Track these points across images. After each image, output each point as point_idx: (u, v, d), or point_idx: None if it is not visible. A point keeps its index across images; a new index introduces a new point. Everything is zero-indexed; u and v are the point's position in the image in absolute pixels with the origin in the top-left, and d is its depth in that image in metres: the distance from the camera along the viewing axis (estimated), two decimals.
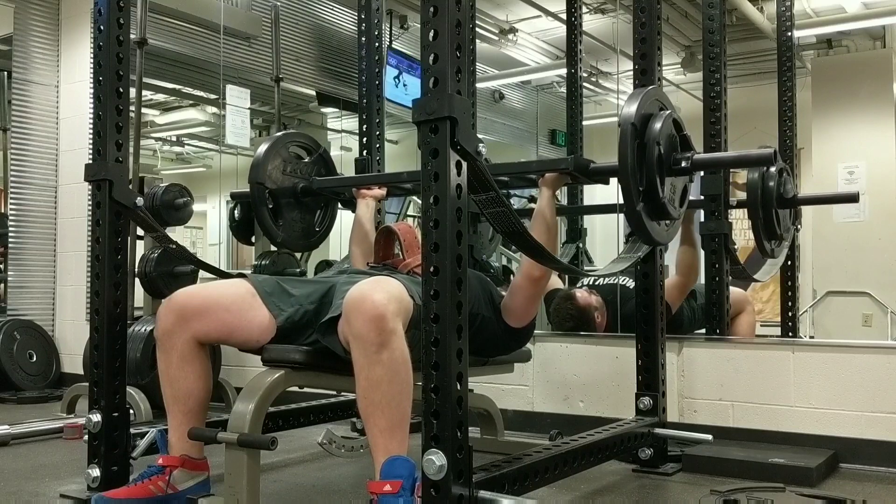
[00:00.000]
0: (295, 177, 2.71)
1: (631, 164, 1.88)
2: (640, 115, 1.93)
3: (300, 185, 2.71)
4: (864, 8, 5.95)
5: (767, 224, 2.69)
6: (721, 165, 2.87)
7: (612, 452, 2.22)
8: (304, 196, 2.73)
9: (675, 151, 2.03)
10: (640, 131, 1.92)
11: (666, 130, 1.98)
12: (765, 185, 2.68)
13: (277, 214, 2.66)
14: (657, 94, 2.08)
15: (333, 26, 5.53)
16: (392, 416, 1.65)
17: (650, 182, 1.91)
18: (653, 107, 2.00)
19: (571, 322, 3.15)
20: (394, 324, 1.66)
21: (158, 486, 1.88)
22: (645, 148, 1.92)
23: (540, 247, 1.90)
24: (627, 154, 1.88)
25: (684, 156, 2.03)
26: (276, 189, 2.65)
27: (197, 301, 1.92)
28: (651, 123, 1.95)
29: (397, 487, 1.57)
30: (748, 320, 3.29)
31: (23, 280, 4.65)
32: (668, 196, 1.99)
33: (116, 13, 2.14)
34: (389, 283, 1.75)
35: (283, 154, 2.69)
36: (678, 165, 2.01)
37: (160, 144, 7.61)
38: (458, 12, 1.51)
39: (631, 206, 1.88)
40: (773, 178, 2.68)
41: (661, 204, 1.94)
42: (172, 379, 1.93)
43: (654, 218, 1.97)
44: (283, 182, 2.68)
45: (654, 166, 1.92)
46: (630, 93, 2.06)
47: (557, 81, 7.38)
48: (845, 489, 2.26)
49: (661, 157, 1.94)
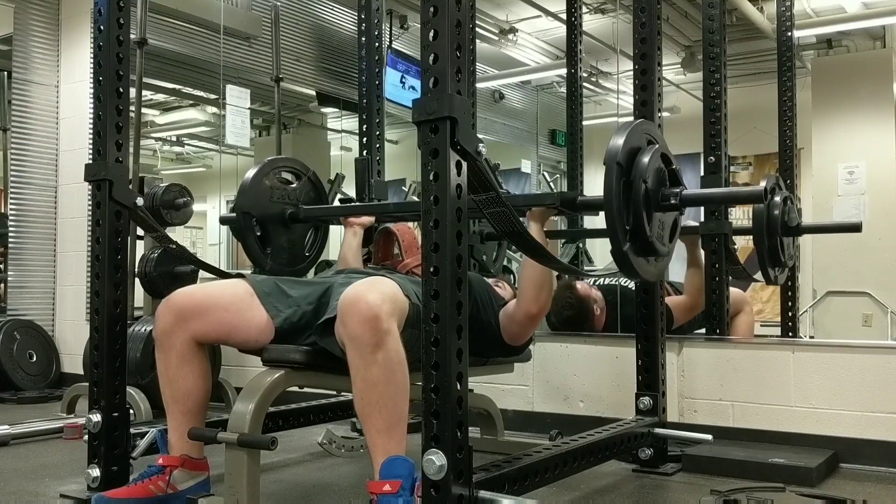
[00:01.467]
0: (283, 202, 2.64)
1: (617, 204, 1.82)
2: (626, 150, 1.87)
3: (288, 210, 2.65)
4: (864, 8, 5.95)
5: (772, 252, 2.68)
6: (711, 202, 2.86)
7: (612, 452, 2.22)
8: (293, 222, 2.67)
9: (664, 186, 1.97)
10: (627, 168, 1.87)
11: (653, 165, 1.92)
12: (770, 214, 2.67)
13: (265, 241, 2.60)
14: (645, 126, 2.02)
15: (333, 26, 5.53)
16: (389, 416, 1.66)
17: (637, 219, 1.86)
18: (640, 140, 1.95)
19: (570, 311, 3.14)
20: (388, 324, 1.66)
21: (158, 485, 1.88)
22: (631, 185, 1.87)
23: (540, 247, 1.90)
24: (612, 193, 1.82)
25: (672, 192, 1.97)
26: (263, 217, 2.59)
27: (195, 301, 1.92)
28: (638, 158, 1.90)
29: (397, 487, 1.57)
30: (746, 320, 3.29)
31: (23, 280, 4.65)
32: (657, 233, 1.93)
33: (116, 13, 2.14)
34: (384, 284, 1.76)
35: (270, 180, 2.62)
36: (666, 202, 1.96)
37: (160, 144, 7.61)
38: (458, 12, 1.51)
39: (618, 245, 1.82)
40: (777, 207, 2.67)
41: (649, 242, 1.89)
42: (172, 379, 1.93)
43: (642, 255, 1.92)
44: (270, 209, 2.60)
45: (640, 203, 1.86)
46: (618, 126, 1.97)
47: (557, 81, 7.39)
48: (845, 489, 2.26)
49: (649, 193, 1.88)
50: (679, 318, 3.09)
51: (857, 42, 6.63)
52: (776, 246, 2.70)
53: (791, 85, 3.73)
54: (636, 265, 1.88)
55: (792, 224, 2.81)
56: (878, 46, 6.59)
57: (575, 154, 4.34)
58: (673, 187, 1.99)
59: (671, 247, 2.06)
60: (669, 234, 2.02)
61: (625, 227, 1.84)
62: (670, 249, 2.06)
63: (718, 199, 2.74)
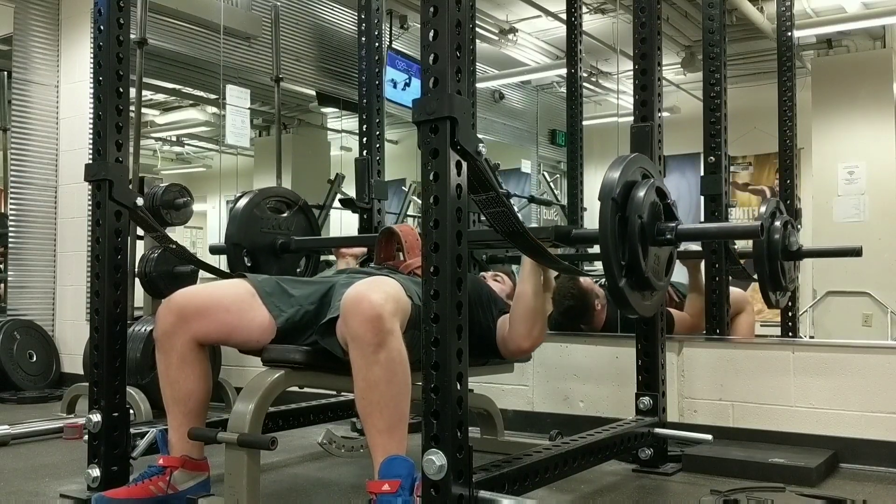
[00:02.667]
0: (275, 232, 2.63)
1: (612, 240, 1.82)
2: (621, 185, 1.87)
3: (279, 241, 2.64)
4: (864, 8, 5.95)
5: (773, 276, 2.69)
6: (707, 237, 2.85)
7: (612, 452, 2.22)
8: (284, 252, 2.66)
9: (660, 221, 1.97)
10: (622, 203, 1.86)
11: (649, 200, 1.91)
12: (770, 239, 2.67)
13: (256, 271, 2.58)
14: (641, 161, 2.02)
15: (333, 26, 5.53)
16: (390, 416, 1.65)
17: (633, 255, 1.86)
18: (635, 175, 1.94)
19: (572, 301, 3.14)
20: (391, 324, 1.66)
21: (159, 486, 1.88)
22: (627, 221, 1.86)
23: (540, 247, 1.90)
24: (608, 229, 1.81)
25: (668, 226, 1.96)
26: (253, 247, 2.58)
27: (197, 302, 1.92)
28: (633, 193, 1.89)
29: (396, 487, 1.57)
30: (747, 320, 3.29)
31: (23, 280, 4.65)
32: (653, 268, 1.93)
33: (116, 13, 2.14)
34: (387, 283, 1.75)
35: (261, 210, 2.61)
36: (662, 236, 1.95)
37: (160, 144, 7.62)
38: (458, 12, 1.51)
39: (613, 281, 1.83)
40: (778, 232, 2.67)
41: (645, 278, 1.88)
42: (172, 380, 1.93)
43: (638, 290, 1.92)
44: (261, 239, 2.60)
45: (636, 239, 1.86)
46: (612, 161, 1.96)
47: (557, 81, 7.40)
48: (845, 489, 2.26)
49: (644, 228, 1.88)
50: (678, 331, 3.10)
51: (857, 42, 6.64)
52: (777, 271, 2.71)
53: (791, 85, 3.72)
54: (632, 300, 1.87)
55: (792, 248, 2.81)
56: (878, 46, 6.59)
57: (575, 154, 4.34)
58: (668, 222, 1.98)
59: (667, 280, 2.05)
60: (665, 268, 2.01)
61: (620, 263, 1.84)
62: (666, 283, 2.04)
63: (714, 235, 2.72)
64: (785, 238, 2.74)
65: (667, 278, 2.05)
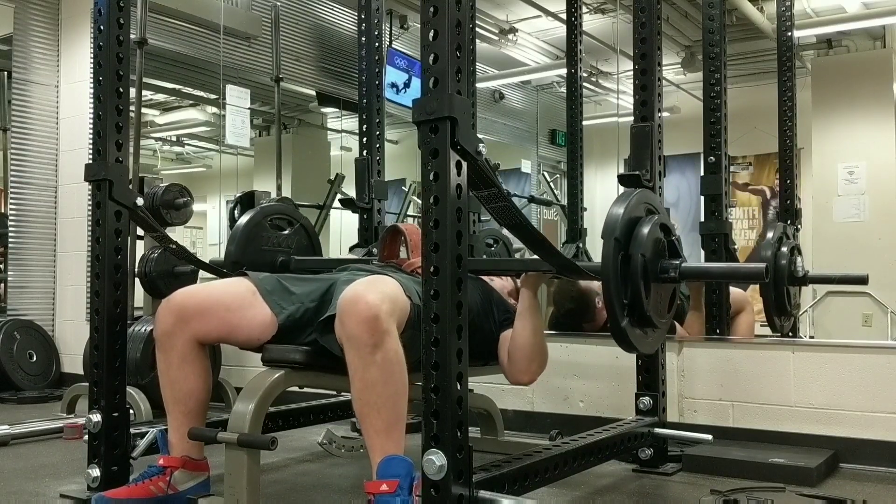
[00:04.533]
0: (275, 250, 2.62)
1: (615, 279, 1.81)
2: (625, 222, 1.85)
3: (279, 258, 2.63)
4: (864, 8, 5.95)
5: (779, 301, 2.69)
6: (710, 277, 2.79)
7: (612, 452, 2.22)
8: (283, 270, 2.63)
9: (663, 258, 1.95)
10: (625, 243, 1.85)
11: (652, 237, 1.90)
12: (777, 264, 2.67)
13: None
14: (645, 196, 2.00)
15: (333, 26, 5.53)
16: (388, 416, 1.65)
17: (635, 294, 1.84)
18: (640, 211, 1.93)
19: (572, 304, 3.14)
20: (387, 324, 1.65)
21: (159, 486, 1.88)
22: (629, 259, 1.85)
23: (543, 240, 1.88)
24: (610, 268, 1.80)
25: (672, 264, 1.94)
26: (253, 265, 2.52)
27: (197, 301, 1.91)
28: (637, 230, 1.88)
29: (394, 487, 1.57)
30: (747, 320, 3.29)
31: (23, 280, 4.65)
32: (655, 306, 1.91)
33: (116, 13, 2.14)
34: (385, 283, 1.75)
35: (261, 229, 2.60)
36: (665, 274, 1.94)
37: (160, 144, 7.62)
38: (458, 12, 1.51)
39: (616, 321, 1.81)
40: (785, 258, 2.67)
41: (647, 317, 1.87)
42: (173, 380, 1.93)
43: (639, 327, 1.90)
44: (261, 257, 2.58)
45: (639, 277, 1.84)
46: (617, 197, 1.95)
47: (557, 81, 7.40)
48: (845, 489, 2.26)
49: (647, 267, 1.86)
50: None
51: (857, 42, 6.64)
52: (783, 295, 2.71)
53: (791, 85, 3.72)
54: (633, 339, 1.86)
55: (798, 274, 2.80)
56: (878, 46, 6.59)
57: (575, 154, 4.34)
58: (672, 259, 1.96)
59: (669, 317, 2.04)
60: (668, 305, 2.00)
61: (622, 302, 1.83)
62: (668, 320, 2.03)
63: (718, 275, 2.68)
64: (791, 264, 2.73)
65: (669, 315, 2.04)
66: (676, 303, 2.93)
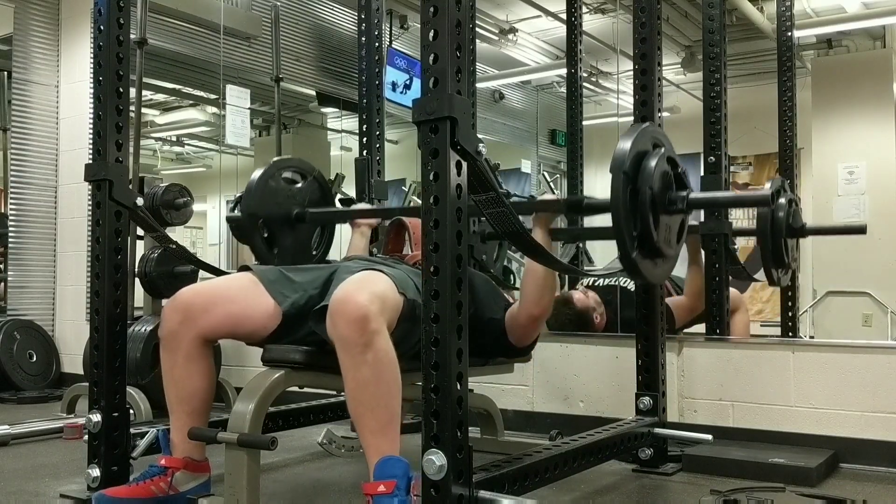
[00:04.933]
0: (289, 203, 2.64)
1: (624, 211, 1.83)
2: (632, 156, 1.87)
3: (294, 211, 2.64)
4: (864, 8, 5.95)
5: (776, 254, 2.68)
6: (718, 206, 2.86)
7: (612, 452, 2.22)
8: (298, 222, 2.66)
9: (671, 190, 1.98)
10: (633, 176, 1.87)
11: (660, 170, 1.92)
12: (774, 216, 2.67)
13: (272, 242, 2.59)
14: (652, 130, 2.02)
15: (333, 26, 5.53)
16: (381, 416, 1.66)
17: (644, 225, 1.87)
18: (647, 145, 1.94)
19: (571, 326, 3.15)
20: (377, 324, 1.65)
21: (160, 486, 1.88)
22: (638, 192, 1.87)
23: (540, 248, 1.90)
24: (619, 200, 1.82)
25: (679, 195, 1.98)
26: (269, 218, 2.58)
27: (202, 297, 1.92)
28: (645, 163, 1.90)
29: (391, 487, 1.57)
30: (742, 319, 3.29)
31: (23, 280, 4.65)
32: (664, 237, 1.94)
33: (116, 13, 2.14)
34: (375, 282, 1.75)
35: (276, 181, 2.62)
36: (673, 205, 1.97)
37: (160, 144, 7.61)
38: (458, 12, 1.51)
39: (625, 251, 1.83)
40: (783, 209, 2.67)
41: (657, 247, 1.89)
42: (177, 379, 1.93)
43: (649, 258, 1.92)
44: (276, 210, 2.60)
45: (647, 208, 1.86)
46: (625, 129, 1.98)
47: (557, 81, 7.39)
48: (845, 489, 2.26)
49: (655, 198, 1.89)
50: (679, 319, 3.10)
51: (857, 42, 6.63)
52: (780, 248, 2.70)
53: (791, 85, 3.72)
54: (643, 269, 1.89)
55: (796, 226, 2.80)
56: (878, 46, 6.58)
57: (575, 154, 4.34)
58: (679, 191, 1.99)
59: (678, 248, 2.07)
60: (676, 236, 2.02)
61: (632, 234, 1.85)
62: (677, 251, 2.07)
63: (724, 203, 2.75)
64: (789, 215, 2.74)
65: (678, 246, 2.07)
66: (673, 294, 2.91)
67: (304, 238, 2.73)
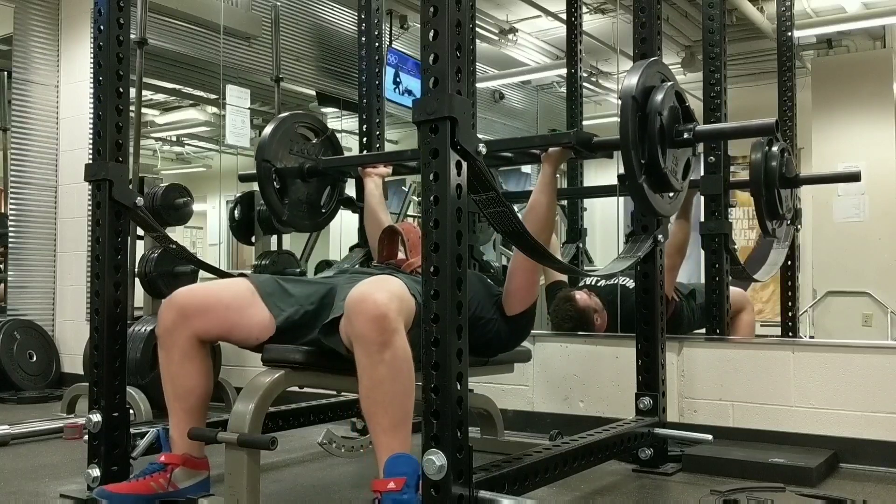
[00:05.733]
0: (302, 157, 2.69)
1: (632, 138, 1.85)
2: (641, 87, 1.90)
3: (307, 164, 2.70)
4: (864, 8, 5.95)
5: (770, 204, 2.68)
6: (723, 136, 2.89)
7: (612, 452, 2.22)
8: (311, 176, 2.72)
9: (678, 123, 2.01)
10: (642, 104, 1.89)
11: (668, 102, 1.95)
12: (767, 165, 2.68)
13: (283, 193, 2.65)
14: (659, 66, 2.06)
15: (333, 26, 5.53)
16: (395, 414, 1.66)
17: (652, 154, 1.89)
18: (654, 79, 1.97)
19: (571, 323, 3.15)
20: (396, 323, 1.66)
21: (159, 483, 1.89)
22: (646, 120, 1.90)
23: (540, 247, 1.90)
24: (628, 127, 1.85)
25: (686, 127, 2.01)
26: (282, 168, 2.64)
27: (198, 299, 1.93)
28: (653, 95, 1.92)
29: (401, 485, 1.57)
30: (748, 320, 3.29)
31: (23, 280, 4.65)
32: (671, 168, 1.96)
33: (116, 13, 2.14)
34: (391, 283, 1.76)
35: (290, 134, 2.68)
36: (680, 137, 1.99)
37: (160, 144, 7.61)
38: (458, 12, 1.51)
39: (633, 179, 1.86)
40: (775, 158, 2.67)
41: (663, 175, 1.91)
42: (174, 376, 1.94)
43: (657, 190, 1.95)
44: (289, 161, 2.66)
45: (655, 138, 1.89)
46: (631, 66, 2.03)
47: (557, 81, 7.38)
48: (845, 489, 2.26)
49: (663, 128, 1.91)
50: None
51: (857, 42, 6.63)
52: (774, 198, 2.69)
53: (791, 85, 3.73)
54: (651, 200, 1.91)
55: (790, 175, 2.80)
56: (878, 46, 6.58)
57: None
58: (686, 123, 2.02)
59: (685, 185, 2.09)
60: (683, 172, 2.03)
61: (640, 161, 1.87)
62: (684, 186, 2.08)
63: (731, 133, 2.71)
64: (782, 165, 2.73)
65: (685, 182, 2.09)
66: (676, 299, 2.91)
67: (315, 193, 2.78)
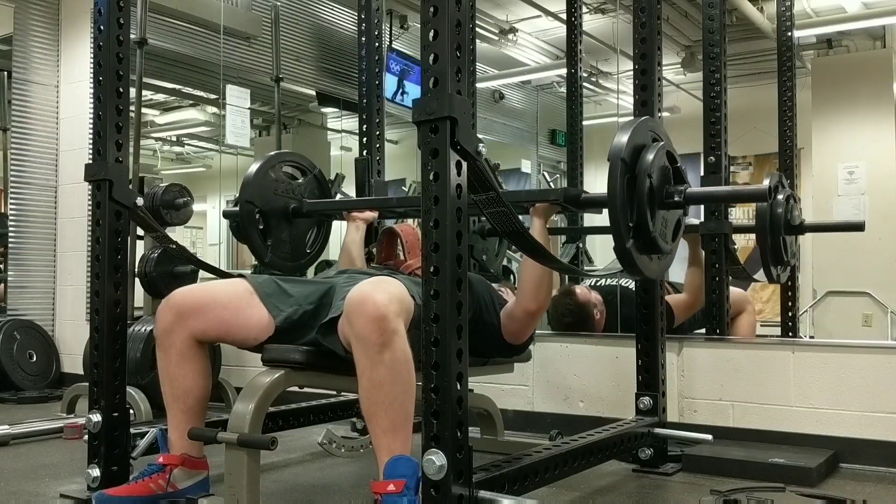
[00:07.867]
0: (287, 197, 2.64)
1: (621, 200, 1.81)
2: (630, 147, 1.86)
3: (291, 205, 2.65)
4: (864, 8, 5.95)
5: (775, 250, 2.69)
6: (715, 201, 2.87)
7: (612, 452, 2.22)
8: (295, 217, 2.67)
9: (668, 184, 1.97)
10: (631, 165, 1.86)
11: (658, 163, 1.91)
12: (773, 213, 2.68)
13: (267, 234, 2.60)
14: (650, 124, 2.02)
15: (333, 26, 5.53)
16: (395, 416, 1.65)
17: (641, 216, 1.85)
18: (645, 138, 1.94)
19: (570, 318, 3.15)
20: (395, 324, 1.66)
21: (159, 484, 1.89)
22: (635, 181, 1.86)
23: (540, 247, 1.90)
24: (617, 189, 1.81)
25: (677, 189, 1.97)
26: (266, 208, 2.59)
27: (195, 299, 1.93)
28: (643, 155, 1.89)
29: (401, 487, 1.56)
30: (749, 320, 3.29)
31: (23, 280, 4.65)
32: (660, 230, 1.93)
33: (116, 13, 2.14)
34: (391, 284, 1.76)
35: (275, 173, 2.63)
36: (670, 199, 1.95)
37: (160, 144, 7.61)
38: (458, 12, 1.51)
39: (620, 242, 1.82)
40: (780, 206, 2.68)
41: (652, 239, 1.88)
42: (172, 377, 1.94)
43: (645, 252, 1.91)
44: (274, 201, 2.61)
45: (644, 200, 1.85)
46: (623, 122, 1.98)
47: (557, 81, 7.39)
48: (845, 489, 2.26)
49: (653, 190, 1.88)
50: (679, 316, 3.10)
51: (857, 42, 6.63)
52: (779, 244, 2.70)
53: (791, 85, 3.72)
54: (639, 262, 1.88)
55: (795, 222, 2.80)
56: (878, 46, 6.59)
57: (575, 154, 4.34)
58: (677, 185, 1.99)
59: (674, 245, 2.06)
60: (673, 233, 2.02)
61: (628, 224, 1.84)
62: (673, 248, 2.05)
63: (722, 198, 2.74)
64: (787, 212, 2.74)
65: (674, 243, 2.06)
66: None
67: (300, 234, 2.73)
